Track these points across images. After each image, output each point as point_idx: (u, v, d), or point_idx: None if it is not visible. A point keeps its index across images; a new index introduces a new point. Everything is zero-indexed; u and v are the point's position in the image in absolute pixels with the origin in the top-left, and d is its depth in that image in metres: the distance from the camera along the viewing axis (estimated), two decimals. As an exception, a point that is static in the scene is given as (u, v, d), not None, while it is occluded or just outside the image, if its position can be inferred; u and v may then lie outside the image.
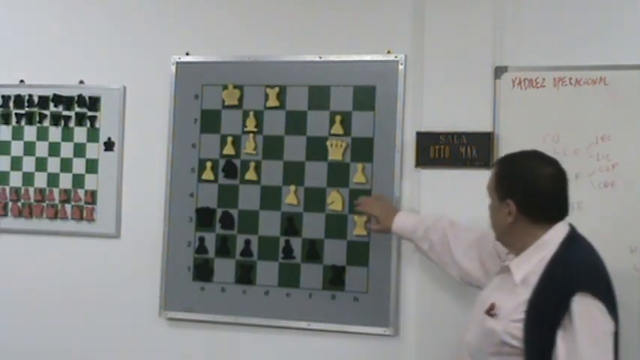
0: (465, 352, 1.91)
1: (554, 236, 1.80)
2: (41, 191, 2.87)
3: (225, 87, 2.69)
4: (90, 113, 2.83)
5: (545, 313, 1.70)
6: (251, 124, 2.65)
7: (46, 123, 2.87)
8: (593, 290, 1.68)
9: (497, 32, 2.45)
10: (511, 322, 1.76)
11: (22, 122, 2.89)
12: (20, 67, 2.91)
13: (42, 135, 2.88)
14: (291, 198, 2.61)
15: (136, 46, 2.81)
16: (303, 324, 2.59)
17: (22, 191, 2.88)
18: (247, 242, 2.65)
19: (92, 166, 2.83)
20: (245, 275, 2.64)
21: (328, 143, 2.59)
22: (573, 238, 1.82)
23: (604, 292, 1.71)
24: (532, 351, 1.72)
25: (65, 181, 2.85)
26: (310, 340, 2.60)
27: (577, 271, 1.73)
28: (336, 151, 2.58)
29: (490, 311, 1.81)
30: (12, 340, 2.87)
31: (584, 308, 1.67)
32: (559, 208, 1.84)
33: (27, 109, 2.89)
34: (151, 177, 2.75)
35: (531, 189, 1.82)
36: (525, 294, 1.75)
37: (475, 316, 1.90)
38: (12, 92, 2.89)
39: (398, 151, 2.53)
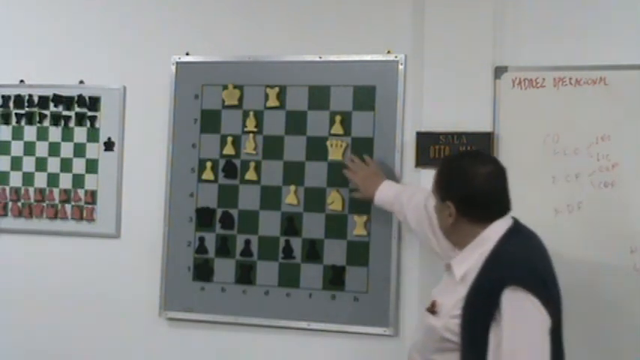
0: (414, 350, 1.94)
1: (493, 232, 1.80)
2: (41, 191, 2.86)
3: (225, 87, 2.68)
4: (90, 113, 2.83)
5: (479, 309, 1.71)
6: (251, 124, 2.65)
7: (46, 123, 2.87)
8: (525, 284, 1.66)
9: (497, 32, 2.45)
10: (450, 319, 1.77)
11: (22, 122, 2.89)
12: (20, 67, 2.91)
13: (42, 135, 2.87)
14: (291, 198, 2.61)
15: (136, 46, 2.81)
16: (303, 324, 2.59)
17: (22, 191, 2.88)
18: (247, 242, 2.65)
19: (92, 166, 2.83)
20: (245, 275, 2.64)
21: (328, 143, 2.59)
22: (514, 233, 1.81)
23: (539, 286, 1.69)
24: (468, 346, 1.73)
25: (65, 181, 2.85)
26: (310, 340, 2.60)
27: (509, 265, 1.72)
28: (336, 151, 2.58)
29: (432, 308, 1.84)
30: (11, 340, 2.87)
31: (515, 302, 1.66)
32: (498, 205, 1.84)
33: (27, 109, 2.88)
34: (151, 177, 2.75)
35: (468, 190, 1.82)
36: (463, 290, 1.76)
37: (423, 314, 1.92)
38: (12, 92, 2.89)
39: (398, 151, 2.53)
